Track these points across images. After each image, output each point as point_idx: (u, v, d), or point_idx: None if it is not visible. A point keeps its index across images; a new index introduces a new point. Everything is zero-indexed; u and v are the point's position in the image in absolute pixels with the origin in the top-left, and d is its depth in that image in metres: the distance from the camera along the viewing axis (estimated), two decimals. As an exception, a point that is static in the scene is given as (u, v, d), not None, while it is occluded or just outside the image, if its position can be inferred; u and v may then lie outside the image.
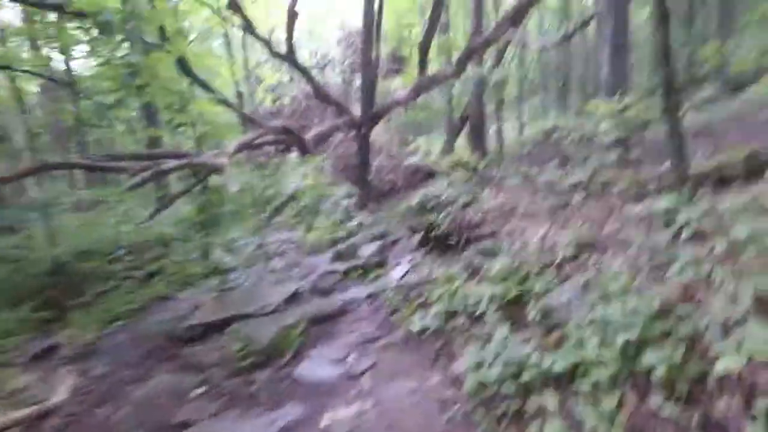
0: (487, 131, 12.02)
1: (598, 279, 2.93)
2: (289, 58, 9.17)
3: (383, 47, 12.29)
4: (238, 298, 5.41)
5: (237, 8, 8.13)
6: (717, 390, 1.90)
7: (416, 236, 5.84)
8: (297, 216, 9.14)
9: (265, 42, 8.95)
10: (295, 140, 9.22)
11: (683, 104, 4.06)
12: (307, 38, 20.92)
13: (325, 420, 2.92)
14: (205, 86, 7.70)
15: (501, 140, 11.94)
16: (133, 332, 5.32)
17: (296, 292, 5.36)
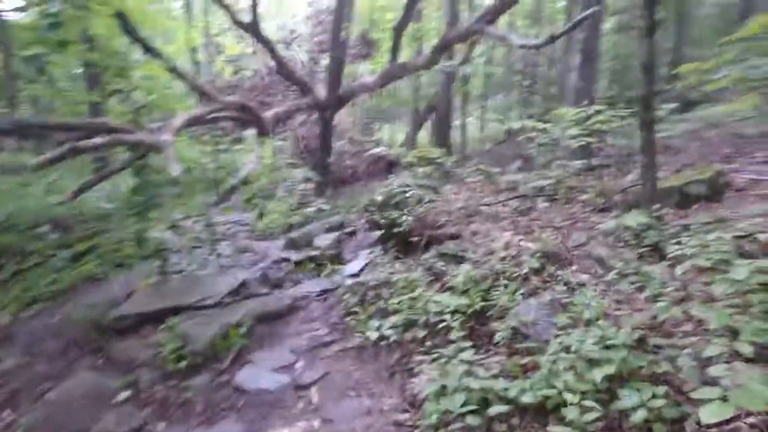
0: (452, 125, 11.91)
1: (569, 298, 2.79)
2: (253, 28, 8.54)
3: (354, 28, 11.82)
4: (178, 287, 4.91)
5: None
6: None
7: (376, 231, 5.58)
8: (250, 198, 8.60)
9: (227, 8, 8.27)
10: (253, 118, 8.62)
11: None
12: (276, 10, 19.94)
13: (267, 440, 2.62)
14: (151, 50, 6.93)
15: (465, 135, 11.88)
16: (54, 318, 4.70)
17: (243, 283, 4.95)
